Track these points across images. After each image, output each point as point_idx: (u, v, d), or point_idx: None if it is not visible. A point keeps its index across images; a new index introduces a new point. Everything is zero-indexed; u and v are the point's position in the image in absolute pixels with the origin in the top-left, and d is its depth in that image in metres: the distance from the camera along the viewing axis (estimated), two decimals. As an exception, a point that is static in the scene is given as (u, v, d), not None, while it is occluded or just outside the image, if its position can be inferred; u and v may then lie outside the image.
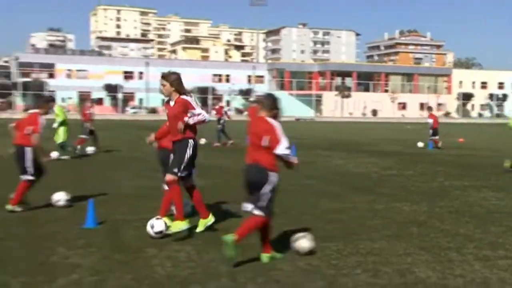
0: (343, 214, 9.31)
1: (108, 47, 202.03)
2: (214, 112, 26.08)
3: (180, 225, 7.43)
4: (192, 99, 7.70)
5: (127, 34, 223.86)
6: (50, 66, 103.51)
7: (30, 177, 9.43)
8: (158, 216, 7.87)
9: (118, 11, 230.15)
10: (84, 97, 48.13)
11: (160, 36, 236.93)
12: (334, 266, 6.30)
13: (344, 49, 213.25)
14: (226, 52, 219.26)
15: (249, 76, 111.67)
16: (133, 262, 6.33)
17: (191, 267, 6.17)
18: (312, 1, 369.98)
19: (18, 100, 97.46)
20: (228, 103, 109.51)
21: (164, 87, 7.61)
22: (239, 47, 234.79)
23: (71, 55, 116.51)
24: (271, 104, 6.89)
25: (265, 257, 6.55)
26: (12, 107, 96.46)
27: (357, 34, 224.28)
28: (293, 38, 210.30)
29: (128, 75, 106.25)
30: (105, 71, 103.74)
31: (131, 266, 6.19)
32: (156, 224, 7.63)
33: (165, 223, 7.70)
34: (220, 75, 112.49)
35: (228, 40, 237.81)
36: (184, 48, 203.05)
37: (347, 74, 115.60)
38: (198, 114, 7.57)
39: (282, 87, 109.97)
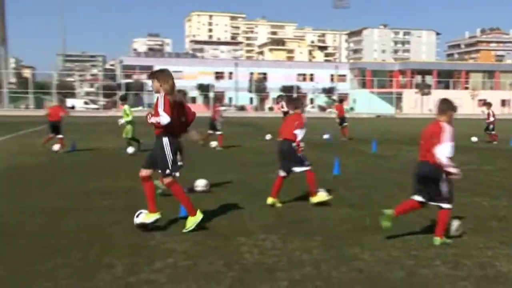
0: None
1: (201, 50, 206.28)
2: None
3: (193, 220, 7.40)
4: (161, 98, 7.30)
5: (218, 38, 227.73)
6: (149, 68, 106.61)
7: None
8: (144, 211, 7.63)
9: (210, 16, 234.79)
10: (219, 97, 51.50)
11: (248, 38, 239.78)
12: (414, 257, 6.17)
13: (425, 48, 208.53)
14: (310, 52, 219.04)
15: (331, 75, 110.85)
16: (224, 249, 6.44)
17: (277, 255, 6.21)
18: (393, 2, 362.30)
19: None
20: (311, 100, 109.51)
21: (153, 83, 7.49)
22: (322, 48, 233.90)
23: (168, 58, 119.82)
24: (445, 107, 7.02)
25: (437, 240, 6.72)
26: (116, 106, 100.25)
27: (438, 34, 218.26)
28: (375, 39, 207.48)
29: (219, 75, 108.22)
30: (198, 72, 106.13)
31: (221, 252, 6.30)
32: (140, 216, 7.54)
33: (156, 219, 7.53)
34: (304, 75, 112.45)
35: (312, 42, 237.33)
36: (270, 50, 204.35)
37: (427, 72, 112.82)
38: (155, 115, 7.30)
39: (363, 85, 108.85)
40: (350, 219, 7.01)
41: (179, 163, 7.75)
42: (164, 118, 7.25)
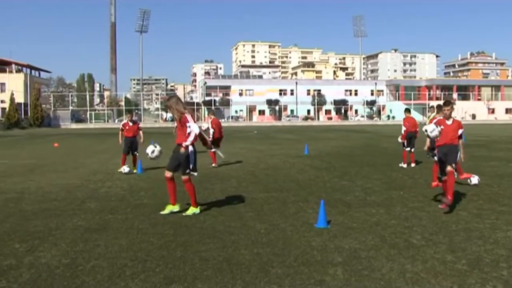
0: None
1: (248, 72, 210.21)
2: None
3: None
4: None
5: (260, 62, 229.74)
6: (227, 88, 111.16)
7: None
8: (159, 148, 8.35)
9: (253, 45, 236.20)
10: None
11: (283, 62, 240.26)
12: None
13: (427, 68, 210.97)
14: (334, 72, 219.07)
15: (371, 91, 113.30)
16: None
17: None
18: (402, 31, 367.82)
19: (205, 113, 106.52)
20: (356, 111, 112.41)
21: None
22: (343, 69, 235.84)
23: (240, 79, 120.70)
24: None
25: None
26: (200, 119, 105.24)
27: (437, 56, 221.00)
28: (388, 61, 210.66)
29: (283, 92, 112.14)
30: (266, 90, 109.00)
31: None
32: (155, 150, 7.95)
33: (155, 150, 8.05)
34: (350, 90, 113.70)
35: (335, 64, 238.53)
36: (302, 71, 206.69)
37: (449, 87, 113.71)
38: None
39: (397, 98, 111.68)
40: None
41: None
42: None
